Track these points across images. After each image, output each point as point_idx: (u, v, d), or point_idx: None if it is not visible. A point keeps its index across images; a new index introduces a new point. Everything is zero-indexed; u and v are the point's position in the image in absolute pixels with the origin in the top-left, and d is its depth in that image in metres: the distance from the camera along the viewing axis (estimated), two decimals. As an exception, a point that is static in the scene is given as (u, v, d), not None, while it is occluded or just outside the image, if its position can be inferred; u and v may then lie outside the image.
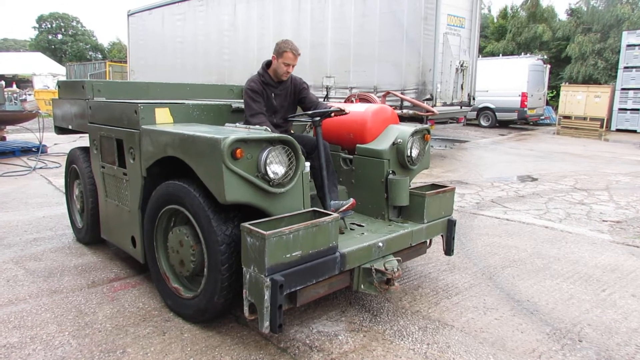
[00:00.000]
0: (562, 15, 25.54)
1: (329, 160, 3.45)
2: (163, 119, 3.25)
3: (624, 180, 8.12)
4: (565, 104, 18.62)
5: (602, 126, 17.74)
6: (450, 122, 12.04)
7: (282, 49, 3.49)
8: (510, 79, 17.34)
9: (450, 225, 3.59)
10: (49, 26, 56.70)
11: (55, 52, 52.70)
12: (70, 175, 4.65)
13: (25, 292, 3.41)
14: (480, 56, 16.93)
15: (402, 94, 9.78)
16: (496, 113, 18.03)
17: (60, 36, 56.90)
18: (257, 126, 3.01)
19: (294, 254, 2.45)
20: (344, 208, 3.21)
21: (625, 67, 17.14)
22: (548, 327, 3.03)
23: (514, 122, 18.33)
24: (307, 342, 2.78)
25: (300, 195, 2.83)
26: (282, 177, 2.67)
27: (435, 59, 9.57)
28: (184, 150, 2.78)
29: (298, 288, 2.53)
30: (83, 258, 4.09)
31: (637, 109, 16.92)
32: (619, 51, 17.85)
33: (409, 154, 3.55)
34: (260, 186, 2.61)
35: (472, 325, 3.02)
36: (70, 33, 56.99)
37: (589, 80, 21.55)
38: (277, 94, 3.61)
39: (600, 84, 20.51)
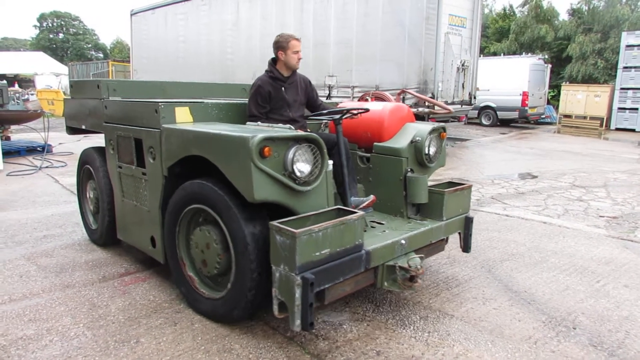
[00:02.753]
0: (564, 15, 25.62)
1: (349, 158, 3.47)
2: (183, 118, 3.24)
3: (622, 178, 8.22)
4: (566, 103, 18.67)
5: (601, 125, 17.79)
6: (452, 121, 12.14)
7: (286, 40, 3.56)
8: (511, 78, 17.39)
9: (468, 222, 3.57)
10: (50, 25, 56.77)
11: (56, 51, 52.76)
12: (83, 176, 4.59)
13: (38, 287, 3.49)
14: (481, 56, 17.01)
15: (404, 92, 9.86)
16: (497, 112, 18.12)
17: (61, 35, 56.97)
18: (281, 124, 3.02)
19: (322, 252, 2.44)
20: (364, 205, 3.23)
21: (625, 67, 17.20)
22: (544, 315, 3.14)
23: (515, 120, 18.41)
24: (313, 331, 2.88)
25: (325, 193, 2.83)
26: (308, 175, 2.67)
27: (436, 58, 9.66)
28: (211, 149, 2.76)
29: (326, 286, 2.53)
30: (93, 254, 4.19)
31: (636, 108, 16.98)
32: (619, 51, 17.92)
33: (427, 152, 3.57)
34: (287, 184, 2.61)
35: (472, 314, 3.13)
36: (71, 32, 57.07)
37: (588, 79, 21.60)
38: (287, 88, 3.64)
39: (599, 83, 20.57)
